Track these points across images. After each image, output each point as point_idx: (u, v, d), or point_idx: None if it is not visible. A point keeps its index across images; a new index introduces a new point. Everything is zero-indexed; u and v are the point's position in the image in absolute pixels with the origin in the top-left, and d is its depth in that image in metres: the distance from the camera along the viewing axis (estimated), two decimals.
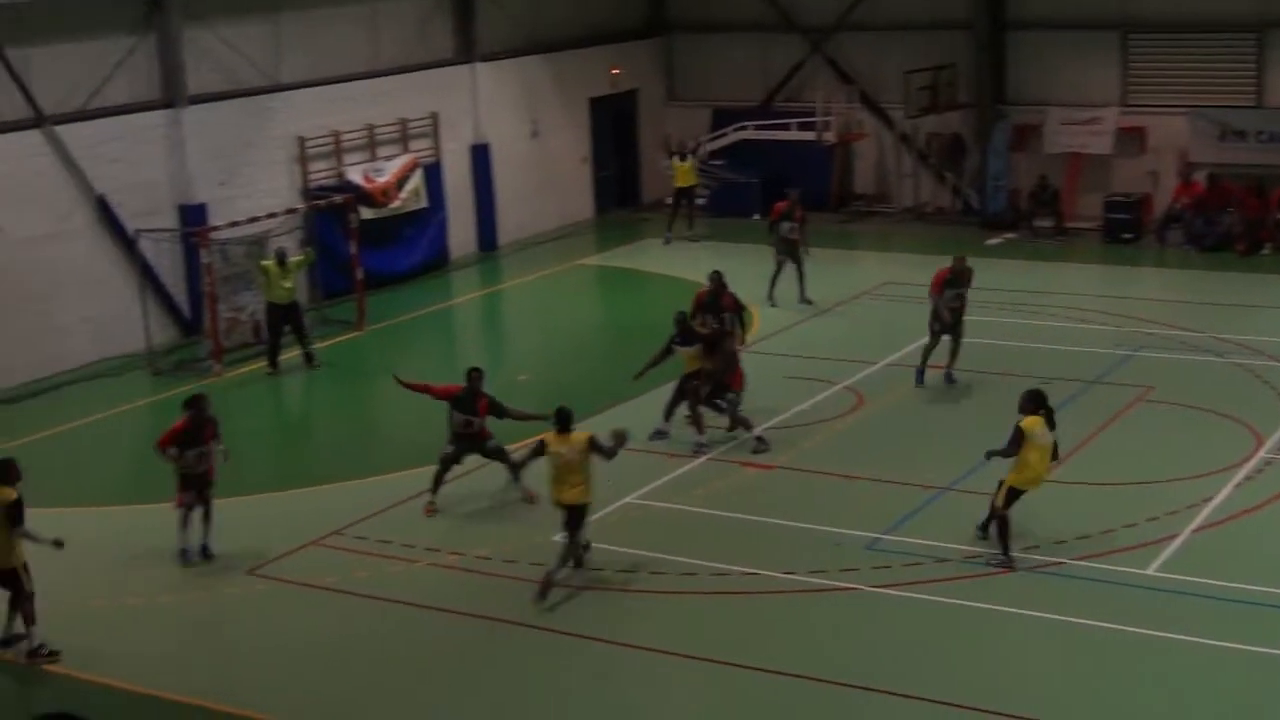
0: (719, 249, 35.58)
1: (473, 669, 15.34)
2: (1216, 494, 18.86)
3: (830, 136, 37.09)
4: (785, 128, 37.52)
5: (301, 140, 30.48)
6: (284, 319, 25.97)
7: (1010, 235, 35.26)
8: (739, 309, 23.28)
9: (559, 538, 16.99)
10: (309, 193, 30.36)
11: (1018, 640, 15.52)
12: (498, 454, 19.46)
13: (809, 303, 28.74)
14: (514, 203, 35.99)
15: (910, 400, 23.16)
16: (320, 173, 30.90)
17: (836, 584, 16.79)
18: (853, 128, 37.99)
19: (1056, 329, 26.47)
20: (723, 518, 18.83)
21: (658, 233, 36.17)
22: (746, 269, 32.65)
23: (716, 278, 23.09)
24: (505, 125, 35.72)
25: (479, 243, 35.24)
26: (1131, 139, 35.54)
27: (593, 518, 18.67)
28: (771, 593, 16.71)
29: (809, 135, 37.00)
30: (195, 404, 18.06)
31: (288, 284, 25.84)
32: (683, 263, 33.48)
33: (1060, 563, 17.06)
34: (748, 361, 22.38)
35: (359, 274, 28.75)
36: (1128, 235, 34.25)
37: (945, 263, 23.88)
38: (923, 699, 14.28)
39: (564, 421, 16.93)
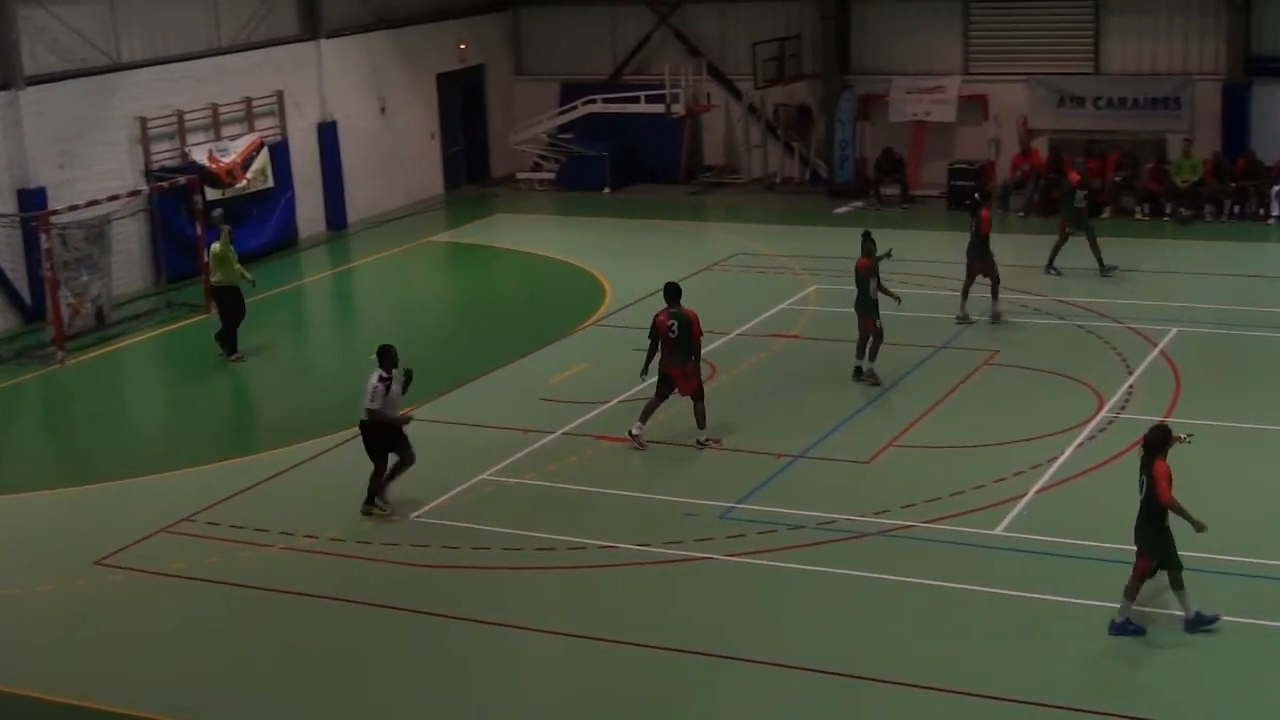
0: (569, 223, 35.66)
1: (330, 653, 15.21)
2: (1061, 454, 19.25)
3: (679, 109, 37.20)
4: (634, 100, 37.57)
5: (143, 120, 29.92)
6: (238, 300, 25.33)
7: (858, 204, 35.66)
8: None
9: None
10: (152, 174, 29.82)
11: (873, 604, 15.72)
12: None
13: None
14: (362, 180, 35.67)
15: (762, 370, 23.34)
16: (163, 153, 30.37)
17: (692, 554, 16.90)
18: (701, 99, 38.14)
19: (906, 296, 26.74)
20: (579, 491, 18.85)
21: (509, 208, 36.08)
22: (596, 243, 32.78)
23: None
24: (352, 102, 35.37)
25: (328, 221, 34.87)
26: (974, 107, 36.11)
27: (446, 495, 18.70)
28: (628, 565, 16.78)
29: (658, 108, 37.07)
30: None
31: (237, 265, 25.29)
32: (534, 238, 33.44)
33: (911, 526, 17.30)
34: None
35: (205, 256, 28.27)
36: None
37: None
38: (782, 665, 14.42)
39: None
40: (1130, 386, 21.76)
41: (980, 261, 25.19)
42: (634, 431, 20.20)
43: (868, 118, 37.08)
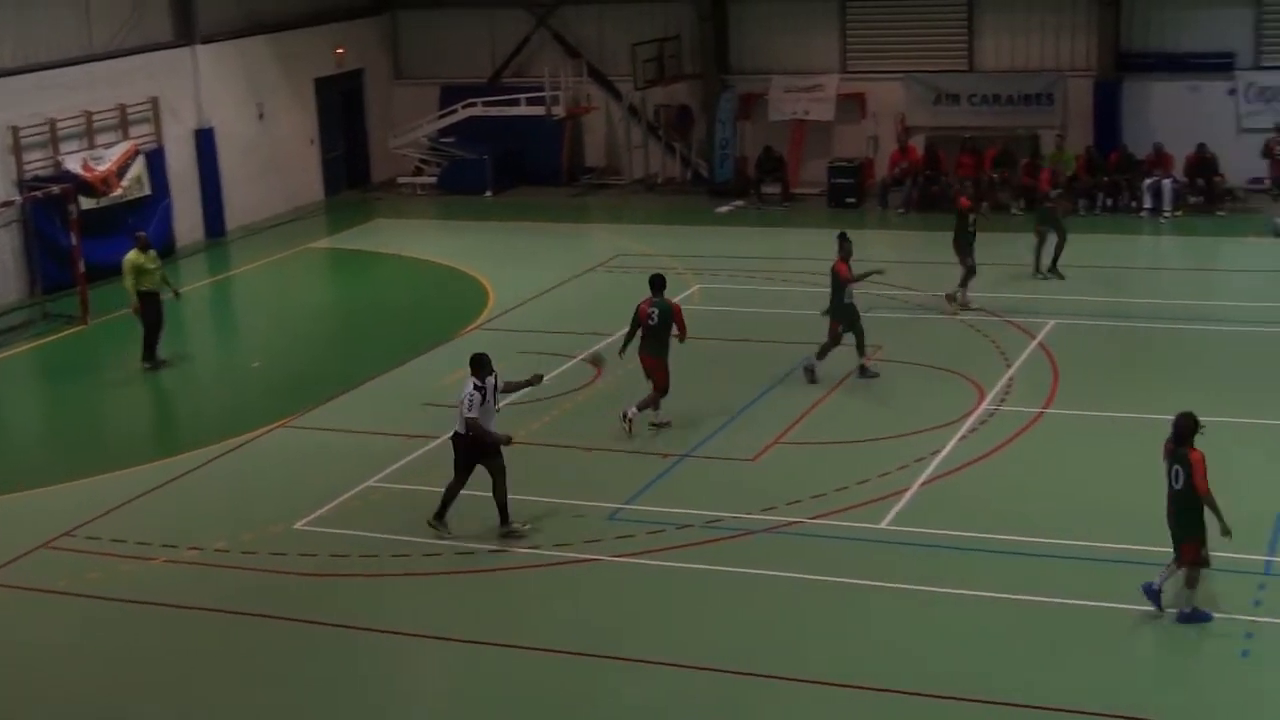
0: (451, 227, 35.55)
1: (216, 665, 15.04)
2: (943, 447, 19.48)
3: (559, 110, 37.18)
4: (514, 103, 37.51)
5: (15, 129, 29.38)
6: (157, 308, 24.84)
7: (739, 203, 35.86)
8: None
9: None
10: (25, 184, 29.29)
11: (763, 601, 15.80)
12: None
13: None
14: (241, 187, 35.29)
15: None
16: (36, 163, 29.84)
17: (581, 556, 16.90)
18: (581, 101, 38.16)
19: (787, 293, 26.99)
20: (465, 496, 18.70)
21: (390, 212, 35.88)
22: (479, 246, 32.69)
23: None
24: (229, 108, 34.99)
25: (206, 229, 34.46)
26: (852, 105, 36.45)
27: (333, 503, 18.57)
28: (517, 568, 16.75)
29: (538, 110, 37.03)
30: None
31: (159, 272, 24.82)
32: (415, 242, 33.29)
33: (798, 522, 17.42)
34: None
35: (80, 266, 27.84)
36: (851, 200, 35.11)
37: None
38: (672, 665, 14.46)
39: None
40: (1010, 379, 22.08)
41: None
42: (630, 414, 20.46)
43: (747, 117, 37.31)
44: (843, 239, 22.41)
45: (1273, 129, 31.62)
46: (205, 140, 34.24)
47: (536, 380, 18.31)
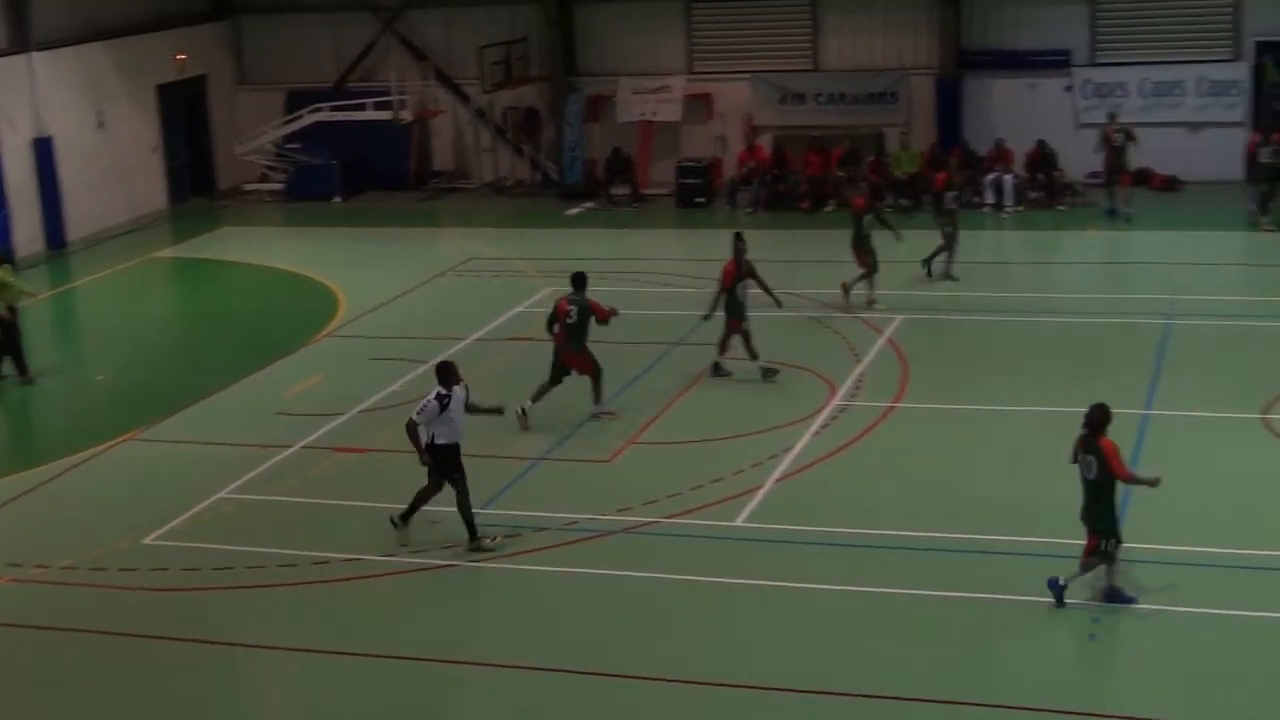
0: (300, 234, 35.23)
1: (62, 685, 14.75)
2: (796, 444, 19.68)
3: (407, 115, 36.97)
4: (361, 108, 37.21)
5: None
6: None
7: (589, 204, 35.94)
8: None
9: None
10: None
11: (621, 601, 15.85)
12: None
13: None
14: (82, 197, 34.57)
15: (501, 373, 23.32)
16: None
17: (438, 562, 16.83)
18: (428, 105, 37.98)
19: (639, 294, 27.07)
20: (319, 505, 18.62)
21: (237, 220, 35.46)
22: (328, 253, 32.41)
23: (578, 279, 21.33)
24: (68, 117, 34.29)
25: (46, 240, 33.71)
26: (699, 105, 36.68)
27: (184, 515, 18.30)
28: (374, 576, 16.63)
29: (385, 114, 36.79)
30: None
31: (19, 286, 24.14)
32: (264, 250, 32.91)
33: (654, 522, 17.49)
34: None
35: None
36: (700, 199, 35.33)
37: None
38: (531, 668, 14.45)
39: None
40: (860, 375, 22.35)
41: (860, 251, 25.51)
42: (523, 409, 20.51)
43: (596, 119, 37.39)
44: (737, 238, 22.54)
45: (1106, 120, 32.38)
46: (43, 149, 33.51)
47: (498, 411, 18.22)
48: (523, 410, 20.60)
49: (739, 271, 22.15)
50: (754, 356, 22.13)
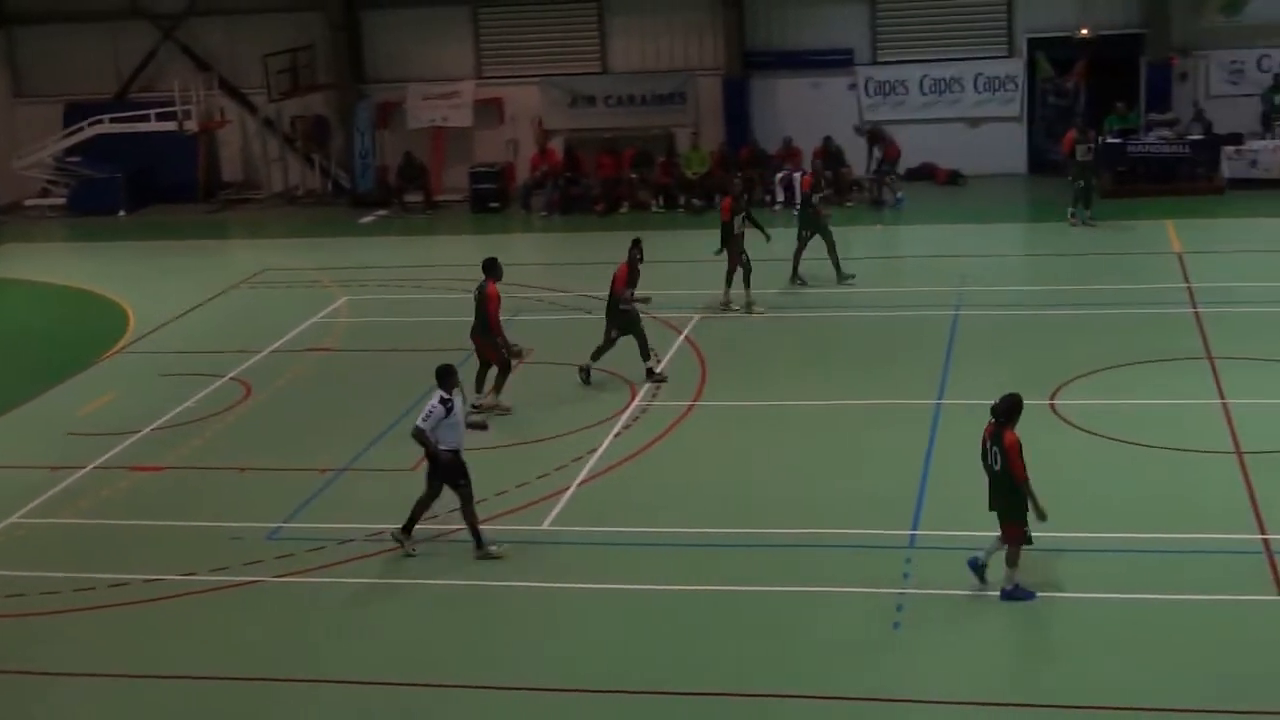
0: (84, 250, 34.45)
1: None
2: (599, 446, 19.78)
3: (192, 125, 36.32)
4: (144, 119, 36.46)
5: None
6: None
7: (382, 212, 35.72)
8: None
9: None
10: None
11: (429, 610, 15.77)
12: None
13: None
14: None
15: (299, 385, 23.08)
16: None
17: (240, 579, 16.57)
18: (214, 115, 37.36)
19: (436, 301, 26.98)
20: (115, 526, 18.20)
21: (18, 237, 34.46)
22: (115, 269, 31.70)
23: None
24: None
25: None
26: (490, 110, 36.66)
27: None
28: (175, 596, 16.31)
29: (170, 125, 36.09)
30: None
31: None
32: (47, 267, 32.08)
33: (460, 529, 17.42)
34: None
35: None
36: (494, 204, 35.32)
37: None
38: (347, 681, 14.32)
39: None
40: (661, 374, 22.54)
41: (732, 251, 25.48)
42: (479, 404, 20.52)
43: (386, 125, 37.16)
44: (634, 245, 22.61)
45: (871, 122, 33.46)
46: None
47: (483, 427, 18.21)
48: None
49: (631, 278, 22.17)
50: (646, 358, 22.34)
